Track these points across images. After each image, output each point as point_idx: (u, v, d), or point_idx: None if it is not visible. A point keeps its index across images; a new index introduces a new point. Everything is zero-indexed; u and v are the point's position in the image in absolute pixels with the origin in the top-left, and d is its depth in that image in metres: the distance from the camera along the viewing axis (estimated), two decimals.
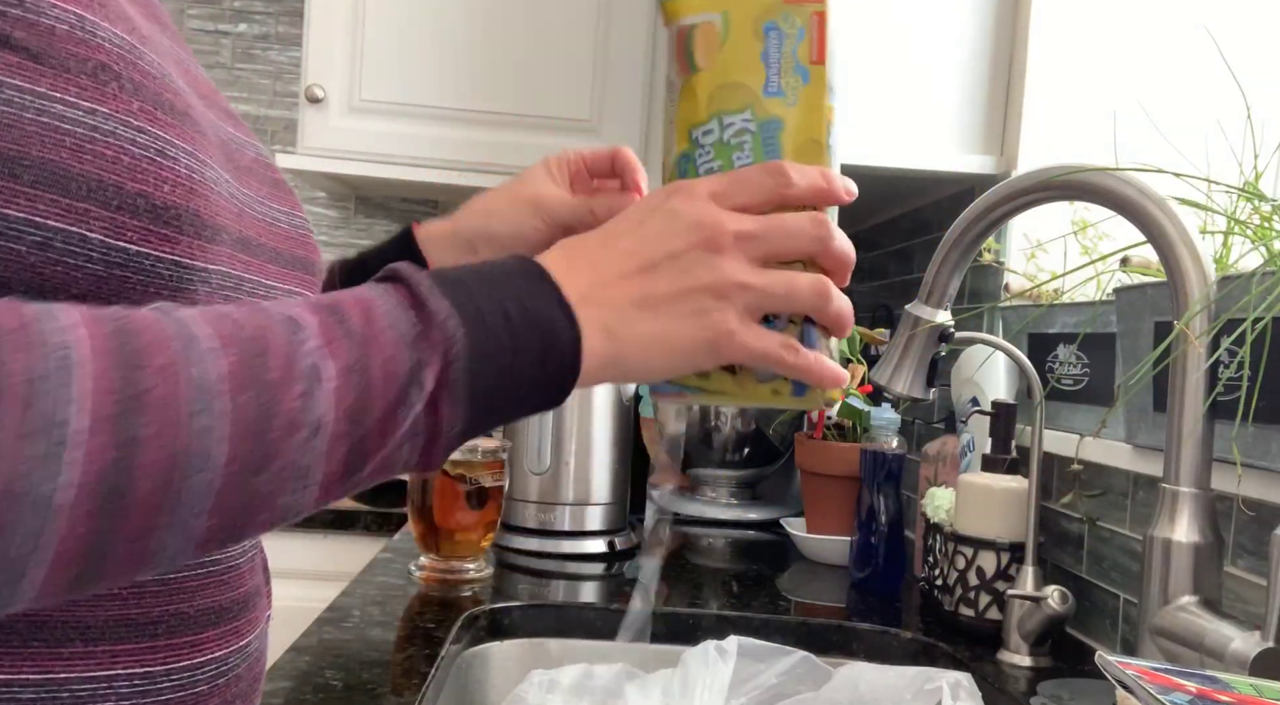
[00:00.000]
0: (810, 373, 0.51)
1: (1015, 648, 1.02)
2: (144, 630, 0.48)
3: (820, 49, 0.53)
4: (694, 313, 0.49)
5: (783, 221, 0.50)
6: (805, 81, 0.52)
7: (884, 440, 1.36)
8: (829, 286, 0.51)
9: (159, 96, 0.45)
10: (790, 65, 0.52)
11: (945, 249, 0.86)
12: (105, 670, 0.46)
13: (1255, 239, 0.79)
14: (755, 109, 0.52)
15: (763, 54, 0.52)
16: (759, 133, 0.52)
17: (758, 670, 0.96)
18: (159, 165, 0.44)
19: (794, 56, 0.52)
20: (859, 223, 2.11)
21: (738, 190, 0.51)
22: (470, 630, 1.06)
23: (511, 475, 1.43)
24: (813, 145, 0.52)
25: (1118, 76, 1.33)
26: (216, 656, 0.51)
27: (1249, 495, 0.83)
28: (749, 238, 0.50)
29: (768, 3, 0.53)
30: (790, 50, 0.52)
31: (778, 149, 0.52)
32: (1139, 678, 0.54)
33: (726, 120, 0.52)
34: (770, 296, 0.50)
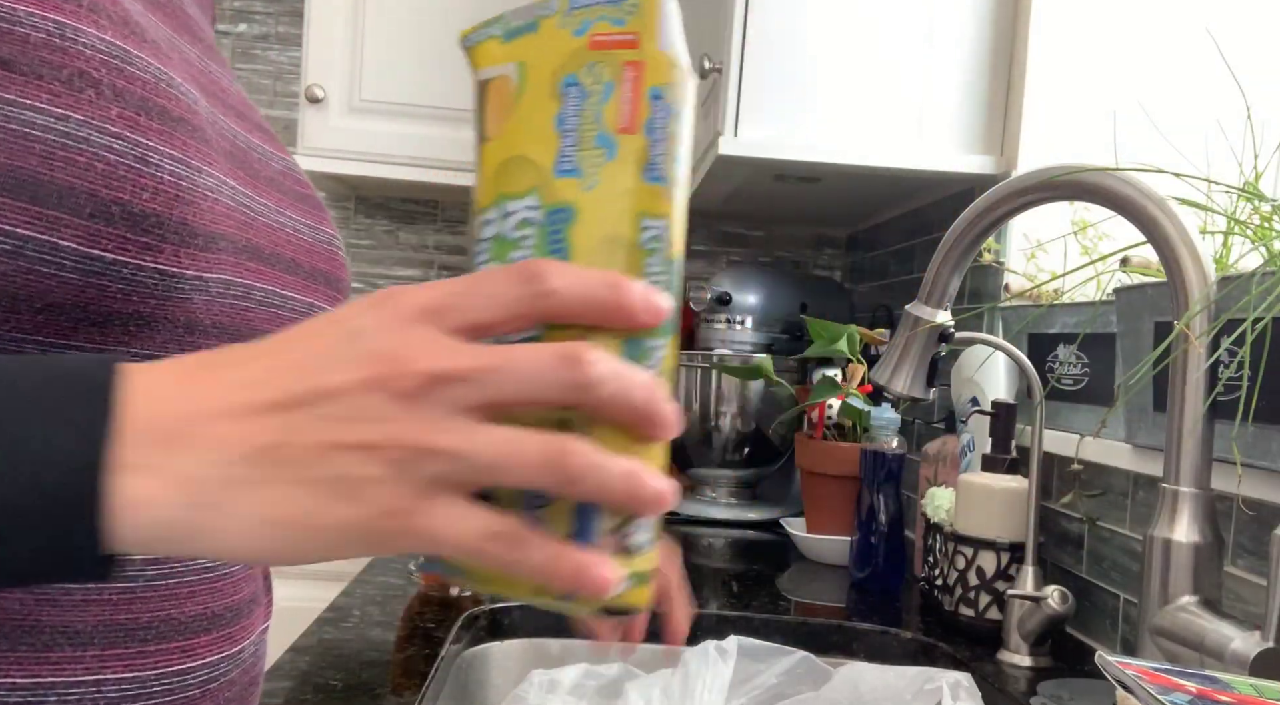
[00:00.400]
0: (540, 572, 0.35)
1: (1015, 648, 1.02)
2: (133, 635, 0.47)
3: (634, 112, 0.38)
4: (338, 481, 0.34)
5: (510, 355, 0.35)
6: (610, 156, 0.38)
7: (884, 440, 1.36)
8: (581, 455, 0.35)
9: (146, 102, 0.44)
10: (591, 134, 0.38)
11: (945, 249, 0.86)
12: (93, 675, 0.46)
13: (1255, 239, 0.79)
14: (542, 192, 0.38)
15: (558, 118, 0.39)
16: (545, 224, 0.38)
17: (758, 670, 0.96)
18: (138, 172, 0.43)
19: (597, 122, 0.38)
20: (859, 223, 2.11)
21: (468, 301, 0.36)
22: (470, 630, 1.06)
23: None
24: (610, 245, 0.38)
25: (1118, 76, 1.33)
26: (208, 662, 0.51)
27: (1249, 495, 0.83)
28: (451, 379, 0.34)
29: (571, 49, 0.39)
30: (593, 114, 0.38)
31: (564, 247, 0.38)
32: (1139, 678, 0.54)
33: (509, 207, 0.38)
34: (474, 466, 0.34)
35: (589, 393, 0.35)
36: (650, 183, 0.38)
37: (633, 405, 0.36)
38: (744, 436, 1.74)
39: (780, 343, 1.85)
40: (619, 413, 0.36)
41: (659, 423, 0.37)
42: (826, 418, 1.47)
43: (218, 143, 0.50)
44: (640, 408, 0.36)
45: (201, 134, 0.48)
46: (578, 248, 0.38)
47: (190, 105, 0.48)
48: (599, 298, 0.36)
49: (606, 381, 0.35)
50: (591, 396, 0.35)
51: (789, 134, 1.40)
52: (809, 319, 1.47)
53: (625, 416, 0.36)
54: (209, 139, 0.48)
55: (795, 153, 1.41)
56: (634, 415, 0.36)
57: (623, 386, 0.35)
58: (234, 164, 0.51)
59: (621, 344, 0.37)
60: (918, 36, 1.40)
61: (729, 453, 1.75)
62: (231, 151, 0.52)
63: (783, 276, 1.96)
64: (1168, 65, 1.31)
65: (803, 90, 1.40)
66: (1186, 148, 0.91)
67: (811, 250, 2.32)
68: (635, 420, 0.36)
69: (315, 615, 1.02)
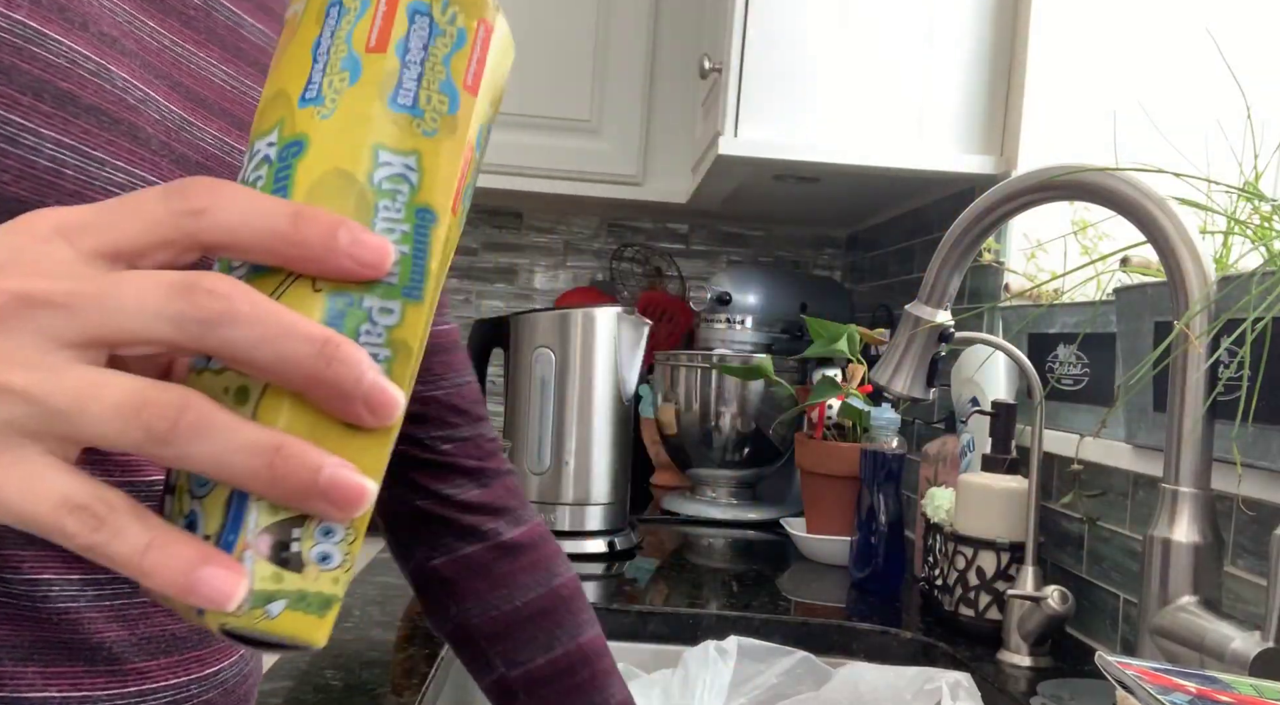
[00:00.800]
0: (126, 564, 0.28)
1: (1015, 648, 1.02)
2: (78, 654, 0.46)
3: (384, 29, 0.33)
4: None
5: (117, 280, 0.29)
6: (352, 80, 0.32)
7: (884, 440, 1.36)
8: (192, 411, 0.28)
9: (42, 83, 0.42)
10: (340, 57, 0.32)
11: (945, 249, 0.86)
12: (38, 693, 0.45)
13: (1255, 239, 0.79)
14: (284, 126, 0.32)
15: (314, 43, 0.33)
16: (276, 162, 0.32)
17: (758, 670, 0.97)
18: (2, 152, 0.41)
19: (347, 43, 0.32)
20: (859, 222, 2.11)
21: (108, 218, 0.30)
22: None
23: None
24: (336, 180, 0.31)
25: (1118, 76, 1.33)
26: (173, 684, 0.49)
27: (1249, 495, 0.83)
28: (39, 302, 0.28)
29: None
30: (345, 34, 0.33)
31: (288, 185, 0.31)
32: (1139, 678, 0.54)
33: (255, 147, 0.33)
34: (46, 410, 0.28)
35: (213, 332, 0.28)
36: (396, 111, 0.32)
37: (294, 361, 0.28)
38: (744, 436, 1.74)
39: (780, 343, 1.85)
40: (275, 370, 0.28)
41: (348, 394, 0.29)
42: (826, 418, 1.47)
43: (176, 149, 0.48)
44: (308, 367, 0.28)
45: (132, 131, 0.45)
46: (300, 184, 0.31)
47: (123, 100, 0.45)
48: (271, 227, 0.29)
49: (241, 321, 0.28)
50: (217, 338, 0.28)
51: (789, 134, 1.40)
52: (809, 319, 1.47)
53: (288, 377, 0.28)
54: (145, 138, 0.46)
55: (795, 153, 1.41)
56: (302, 377, 0.28)
57: (272, 333, 0.28)
58: (197, 172, 0.48)
59: (324, 300, 0.30)
60: (918, 36, 1.40)
61: (729, 453, 1.75)
62: (203, 163, 0.49)
63: (783, 276, 1.96)
64: (1168, 65, 1.31)
65: (803, 90, 1.40)
66: (1186, 148, 0.91)
67: (811, 250, 2.32)
68: (306, 384, 0.28)
69: None
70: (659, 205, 2.05)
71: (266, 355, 0.28)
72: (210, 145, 0.50)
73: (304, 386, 0.28)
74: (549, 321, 1.43)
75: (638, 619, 1.12)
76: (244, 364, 0.28)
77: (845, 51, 1.40)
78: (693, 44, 1.94)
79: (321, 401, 0.29)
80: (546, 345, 1.42)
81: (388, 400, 0.29)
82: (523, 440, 1.41)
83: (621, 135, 1.97)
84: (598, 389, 1.43)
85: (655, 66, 1.98)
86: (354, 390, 0.28)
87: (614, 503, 1.45)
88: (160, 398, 0.27)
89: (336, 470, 0.28)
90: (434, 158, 0.32)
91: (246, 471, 0.28)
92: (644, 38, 1.97)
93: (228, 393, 0.30)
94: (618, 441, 1.45)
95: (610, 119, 1.97)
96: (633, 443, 1.51)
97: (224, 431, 0.28)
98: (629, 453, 1.48)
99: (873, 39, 1.40)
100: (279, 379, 0.28)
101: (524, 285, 2.32)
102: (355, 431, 0.30)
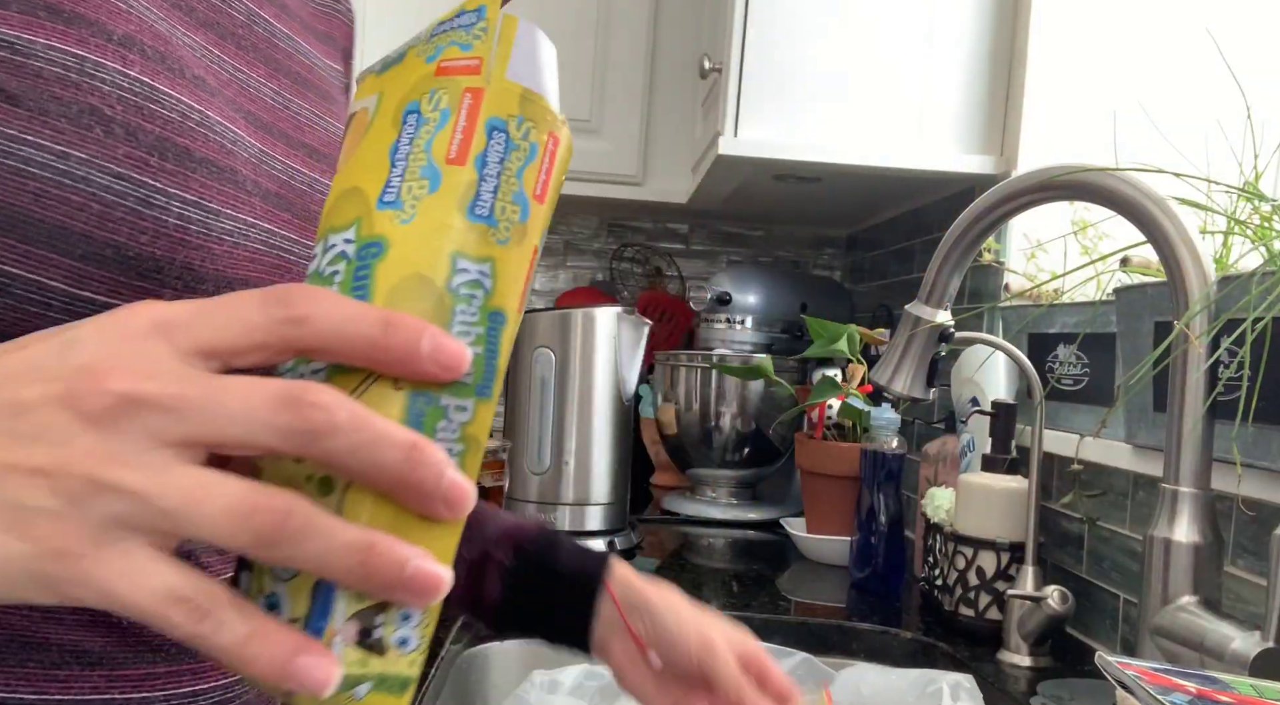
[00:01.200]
0: (230, 653, 0.29)
1: (1015, 648, 1.02)
2: (142, 657, 0.47)
3: (464, 143, 0.34)
4: (6, 508, 0.29)
5: (222, 385, 0.30)
6: (432, 189, 0.33)
7: (884, 440, 1.36)
8: (294, 514, 0.29)
9: (164, 141, 0.43)
10: (419, 165, 0.33)
11: (945, 249, 0.86)
12: (101, 695, 0.45)
13: (1255, 239, 0.79)
14: (362, 225, 0.33)
15: (392, 147, 0.34)
16: (354, 259, 0.33)
17: None
18: (138, 215, 0.42)
19: (427, 152, 0.33)
20: (859, 222, 2.11)
21: (207, 319, 0.30)
22: (470, 630, 1.06)
23: (511, 475, 1.43)
24: (416, 285, 0.32)
25: (1118, 76, 1.33)
26: (220, 684, 0.50)
27: (1249, 495, 0.83)
28: (147, 404, 0.29)
29: (420, 76, 0.35)
30: (424, 143, 0.34)
31: (368, 284, 0.32)
32: (1139, 678, 0.54)
33: (330, 240, 0.34)
34: (156, 509, 0.29)
35: (316, 443, 0.29)
36: (474, 221, 0.33)
37: (384, 466, 0.30)
38: (744, 436, 1.74)
39: (780, 343, 1.85)
40: (366, 474, 0.30)
41: (429, 494, 0.30)
42: (826, 418, 1.47)
43: (263, 185, 0.49)
44: (395, 471, 0.30)
45: (233, 176, 0.46)
46: (380, 285, 0.32)
47: (223, 145, 0.46)
48: (364, 335, 0.30)
49: (340, 432, 0.29)
50: (319, 448, 0.29)
51: (789, 134, 1.40)
52: (809, 319, 1.47)
53: (377, 479, 0.30)
54: (242, 181, 0.47)
55: (795, 153, 1.41)
56: (390, 479, 0.30)
57: (366, 440, 0.29)
58: (279, 206, 0.50)
59: (406, 399, 0.31)
60: (918, 36, 1.40)
61: (729, 453, 1.75)
62: (280, 194, 0.50)
63: (783, 276, 1.96)
64: (1168, 65, 1.31)
65: (803, 90, 1.40)
66: (1186, 148, 0.91)
67: (811, 250, 2.32)
68: (393, 485, 0.30)
69: None
70: (659, 205, 2.05)
71: (361, 461, 0.30)
72: (280, 172, 0.52)
73: (391, 488, 0.30)
74: (549, 321, 1.43)
75: None
76: (338, 469, 0.30)
77: (845, 51, 1.40)
78: (693, 44, 1.94)
79: (404, 499, 0.31)
80: (546, 345, 1.42)
81: (463, 495, 0.31)
82: (523, 440, 1.41)
83: (621, 135, 1.97)
84: (598, 389, 1.43)
85: (655, 66, 1.98)
86: (435, 490, 0.30)
87: (614, 503, 1.45)
88: (268, 504, 0.29)
89: (420, 563, 0.30)
90: (506, 264, 0.34)
91: (343, 568, 0.29)
92: (644, 38, 1.97)
93: (310, 481, 0.31)
94: (618, 441, 1.45)
95: (610, 119, 1.97)
96: (633, 443, 1.51)
97: (325, 534, 0.29)
98: (629, 453, 1.48)
99: (873, 39, 1.40)
100: (369, 481, 0.30)
101: None
102: (432, 524, 0.32)
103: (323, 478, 0.31)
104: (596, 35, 1.96)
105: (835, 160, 1.41)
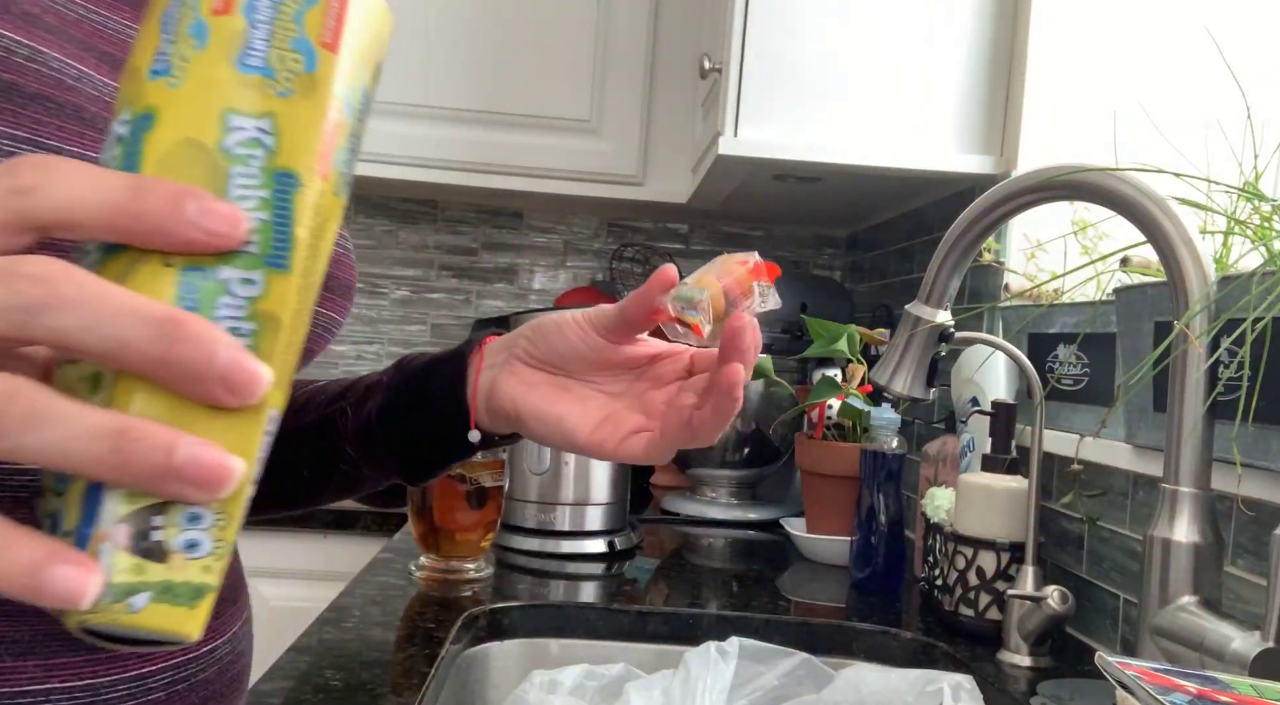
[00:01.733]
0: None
1: (1015, 648, 1.02)
2: (79, 642, 0.45)
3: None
4: None
5: None
6: (199, 46, 0.30)
7: (884, 440, 1.36)
8: (20, 398, 0.26)
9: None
10: (187, 23, 0.31)
11: (945, 249, 0.86)
12: (39, 685, 0.44)
13: (1255, 239, 0.79)
14: (135, 101, 0.31)
15: (163, 14, 0.31)
16: (128, 137, 0.30)
17: (759, 672, 0.96)
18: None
19: (194, 9, 0.31)
20: (859, 222, 2.11)
21: None
22: (470, 630, 1.06)
23: (511, 475, 1.43)
24: (186, 150, 0.30)
25: (1118, 76, 1.33)
26: (173, 664, 0.49)
27: (1249, 495, 0.83)
28: None
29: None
30: (193, 1, 0.31)
31: (137, 160, 0.30)
32: (1139, 678, 0.54)
33: (112, 129, 0.31)
34: None
35: (36, 320, 0.26)
36: (246, 73, 0.30)
37: (131, 345, 0.26)
38: (744, 436, 1.74)
39: (780, 343, 1.85)
40: (114, 356, 0.26)
41: (199, 375, 0.27)
42: (826, 418, 1.47)
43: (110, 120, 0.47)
44: (147, 350, 0.26)
45: (76, 112, 0.43)
46: (148, 158, 0.29)
47: (61, 81, 0.43)
48: (109, 202, 0.27)
49: (67, 307, 0.26)
50: (42, 327, 0.26)
51: (789, 134, 1.40)
52: (809, 319, 1.47)
53: (128, 361, 0.27)
54: (90, 117, 0.43)
55: (795, 153, 1.41)
56: (143, 360, 0.26)
57: (104, 315, 0.26)
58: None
59: (177, 275, 0.28)
60: (918, 36, 1.40)
61: (729, 453, 1.75)
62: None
63: (783, 276, 1.96)
64: (1168, 65, 1.31)
65: (803, 90, 1.40)
66: (1186, 148, 0.91)
67: (811, 250, 2.32)
68: (151, 368, 0.27)
69: (315, 615, 1.02)
70: (659, 205, 2.05)
71: (99, 340, 0.26)
72: None
73: (148, 370, 0.27)
74: None
75: (638, 619, 1.12)
76: (78, 351, 0.26)
77: (845, 51, 1.40)
78: (693, 44, 1.94)
79: (171, 384, 0.27)
80: None
81: (247, 378, 0.27)
82: (523, 440, 1.41)
83: (621, 135, 1.97)
84: None
85: (655, 66, 1.98)
86: (205, 370, 0.27)
87: (614, 503, 1.45)
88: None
89: (192, 448, 0.26)
90: (291, 120, 0.31)
91: (90, 458, 0.26)
92: (644, 38, 1.97)
93: (82, 381, 0.28)
94: None
95: (610, 119, 1.97)
96: None
97: (60, 419, 0.26)
98: None
99: (873, 39, 1.40)
100: (118, 364, 0.27)
101: (524, 285, 2.32)
102: (219, 411, 0.28)
103: (92, 374, 0.28)
104: (596, 35, 1.96)
105: (835, 160, 1.41)
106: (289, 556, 1.68)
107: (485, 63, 1.97)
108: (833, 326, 1.44)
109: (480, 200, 2.27)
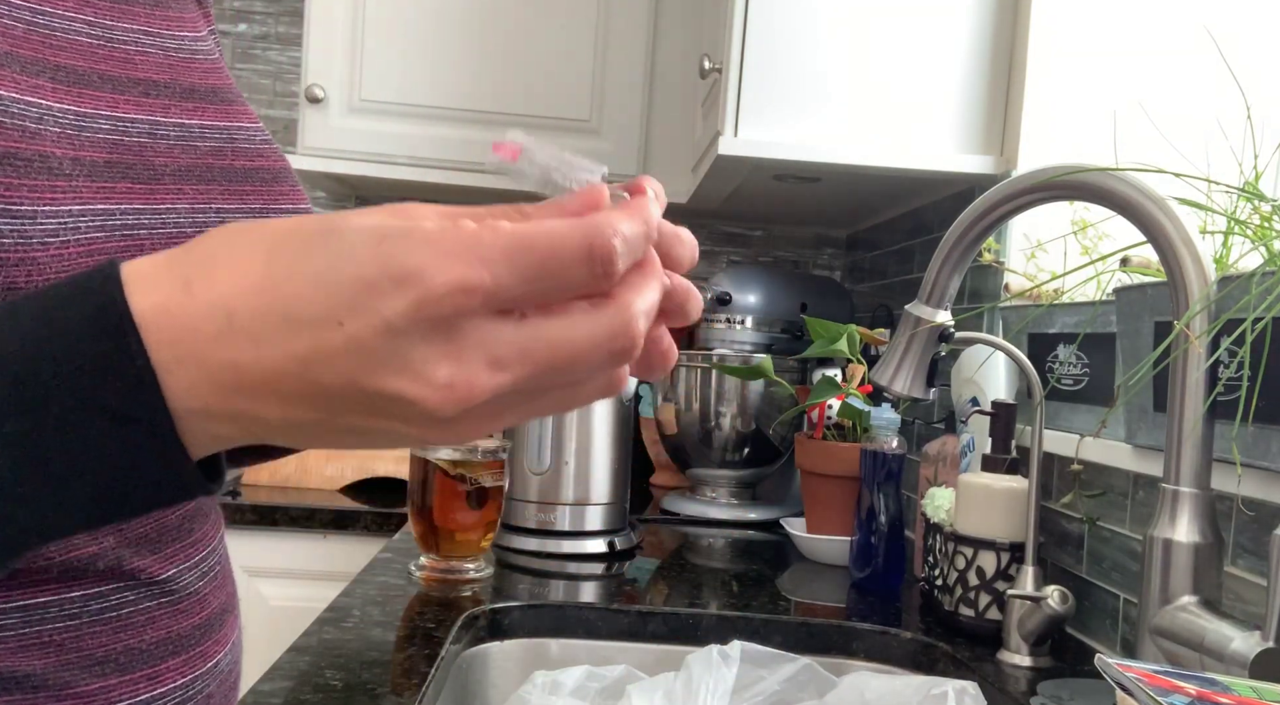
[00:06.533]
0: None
1: (1015, 648, 1.02)
2: (90, 671, 0.45)
3: None
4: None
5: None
6: None
7: (884, 440, 1.36)
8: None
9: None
10: None
11: (945, 249, 0.86)
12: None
13: (1255, 239, 0.79)
14: None
15: None
16: None
17: (760, 676, 0.96)
18: None
19: None
20: (859, 222, 2.11)
21: (531, 289, 0.35)
22: (470, 630, 1.06)
23: (511, 475, 1.43)
24: None
25: (1118, 76, 1.33)
26: (180, 684, 0.49)
27: (1249, 495, 0.83)
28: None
29: None
30: None
31: None
32: (1139, 680, 0.54)
33: None
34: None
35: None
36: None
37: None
38: (744, 436, 1.74)
39: (780, 343, 1.85)
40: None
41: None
42: (826, 418, 1.47)
43: (86, 159, 0.43)
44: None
45: (44, 163, 0.40)
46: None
47: (24, 128, 0.40)
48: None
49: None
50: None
51: (789, 134, 1.40)
52: (809, 319, 1.47)
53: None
54: (57, 165, 0.41)
55: (795, 153, 1.41)
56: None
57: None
58: (112, 176, 0.44)
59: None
60: (918, 36, 1.40)
61: (729, 453, 1.75)
62: (111, 160, 0.44)
63: (783, 276, 1.96)
64: (1168, 65, 1.31)
65: (803, 90, 1.40)
66: (1186, 148, 0.91)
67: (811, 250, 2.32)
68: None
69: (315, 615, 1.02)
70: None
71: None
72: (106, 132, 0.45)
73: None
74: None
75: (638, 619, 1.12)
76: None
77: (845, 51, 1.40)
78: (693, 44, 1.94)
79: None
80: None
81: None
82: (522, 440, 1.41)
83: (621, 135, 1.97)
84: None
85: (655, 66, 1.98)
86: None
87: (614, 503, 1.44)
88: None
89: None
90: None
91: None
92: (644, 38, 1.97)
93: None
94: (618, 441, 1.45)
95: (610, 119, 1.97)
96: (633, 443, 1.50)
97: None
98: (629, 453, 1.48)
99: (872, 39, 1.40)
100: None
101: None
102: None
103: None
104: (596, 35, 1.96)
105: (835, 160, 1.41)
106: (289, 556, 1.68)
107: (485, 63, 1.97)
108: (833, 326, 1.44)
109: (480, 200, 2.27)
